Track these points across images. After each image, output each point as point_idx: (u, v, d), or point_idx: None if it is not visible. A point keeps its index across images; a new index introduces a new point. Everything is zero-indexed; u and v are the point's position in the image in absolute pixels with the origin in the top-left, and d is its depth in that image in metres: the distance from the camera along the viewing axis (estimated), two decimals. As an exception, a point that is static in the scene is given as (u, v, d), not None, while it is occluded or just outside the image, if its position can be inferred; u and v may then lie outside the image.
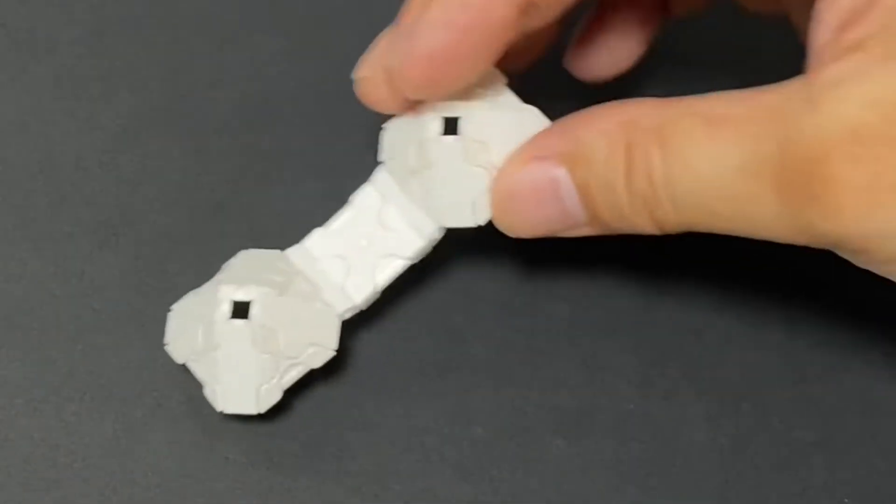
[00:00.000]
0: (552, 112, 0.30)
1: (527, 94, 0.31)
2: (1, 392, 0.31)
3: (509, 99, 0.31)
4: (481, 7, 0.27)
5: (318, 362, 0.30)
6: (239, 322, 0.29)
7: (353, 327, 0.32)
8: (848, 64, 0.24)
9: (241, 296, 0.30)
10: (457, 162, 0.30)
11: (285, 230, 0.32)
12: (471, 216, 0.30)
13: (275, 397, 0.30)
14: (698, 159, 0.25)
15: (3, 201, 0.33)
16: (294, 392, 0.31)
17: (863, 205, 0.24)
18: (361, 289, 0.31)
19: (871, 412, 0.32)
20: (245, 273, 0.30)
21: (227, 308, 0.29)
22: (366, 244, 0.31)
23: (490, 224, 0.30)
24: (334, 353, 0.30)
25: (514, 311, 0.33)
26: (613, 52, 0.33)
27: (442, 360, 0.32)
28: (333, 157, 0.34)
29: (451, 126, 0.30)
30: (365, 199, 0.31)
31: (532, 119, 0.30)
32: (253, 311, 0.29)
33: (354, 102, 0.34)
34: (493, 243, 0.33)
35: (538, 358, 0.32)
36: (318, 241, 0.31)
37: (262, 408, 0.30)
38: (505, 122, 0.30)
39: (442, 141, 0.30)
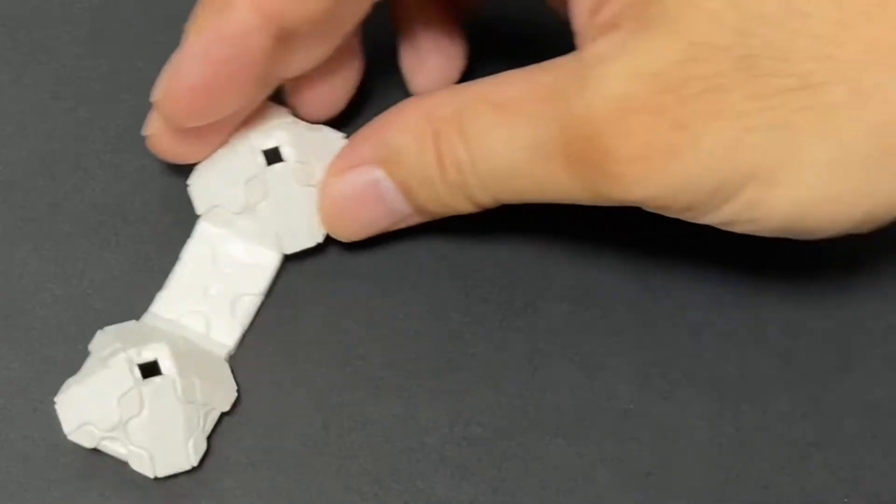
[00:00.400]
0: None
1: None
2: (1, 392, 0.31)
3: (302, 123, 0.32)
4: (236, 39, 0.28)
5: (226, 405, 0.31)
6: (158, 378, 0.29)
7: (351, 327, 0.32)
8: (607, 41, 0.26)
9: (146, 356, 0.30)
10: (291, 186, 0.31)
11: (285, 230, 0.32)
12: (308, 237, 0.32)
13: (202, 447, 0.30)
14: (493, 143, 0.27)
15: (3, 201, 0.33)
16: (295, 392, 0.31)
17: (642, 172, 0.25)
18: (230, 332, 0.32)
19: (871, 412, 0.32)
20: (128, 340, 0.30)
21: (138, 372, 0.29)
22: (214, 292, 0.32)
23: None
24: (236, 394, 0.31)
25: (514, 311, 0.33)
26: (435, 62, 0.34)
27: (442, 360, 0.32)
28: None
29: (267, 157, 0.31)
30: (195, 253, 0.32)
31: (330, 135, 0.32)
32: (164, 365, 0.30)
33: (351, 99, 0.34)
34: (492, 244, 0.33)
35: (538, 358, 0.32)
36: (165, 303, 0.32)
37: (195, 461, 0.30)
38: (314, 141, 0.32)
39: (274, 170, 0.31)
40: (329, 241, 0.32)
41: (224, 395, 0.31)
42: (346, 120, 0.34)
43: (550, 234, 0.33)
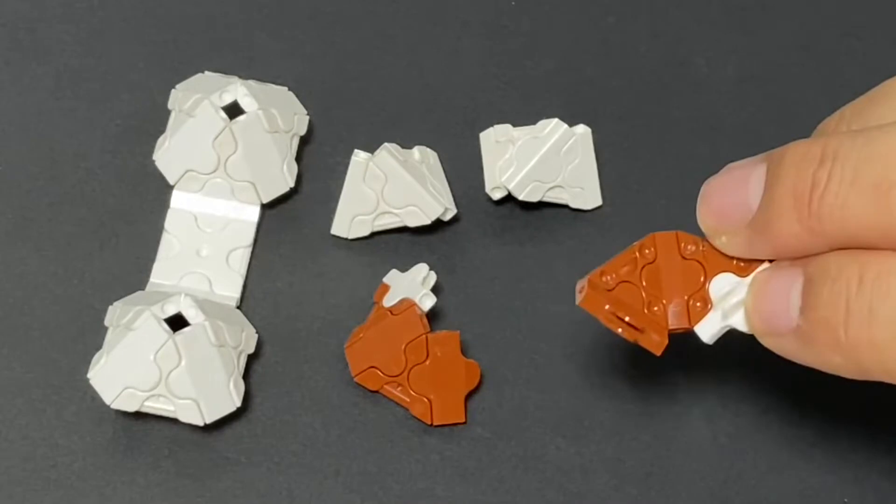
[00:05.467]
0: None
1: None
2: (1, 392, 0.31)
3: (250, 80, 0.33)
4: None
5: (252, 346, 0.31)
6: (189, 328, 0.30)
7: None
8: None
9: (169, 310, 0.30)
10: (258, 133, 0.32)
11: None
12: (282, 182, 0.33)
13: (242, 387, 0.30)
14: None
15: (3, 201, 0.33)
16: (294, 392, 0.31)
17: None
18: (232, 285, 0.32)
19: (870, 412, 0.32)
20: (146, 302, 0.30)
21: (167, 326, 0.30)
22: (206, 253, 0.32)
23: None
24: (257, 336, 0.31)
25: (514, 311, 0.33)
26: None
27: (442, 360, 0.32)
28: (330, 154, 0.34)
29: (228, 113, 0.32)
30: (177, 221, 0.33)
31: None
32: (189, 314, 0.30)
33: (346, 97, 0.34)
34: (492, 244, 0.33)
35: (538, 358, 0.32)
36: (163, 272, 0.32)
37: (238, 401, 0.30)
38: (269, 91, 0.33)
39: (238, 122, 0.32)
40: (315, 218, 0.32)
41: (248, 336, 0.31)
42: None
43: (551, 238, 0.33)
